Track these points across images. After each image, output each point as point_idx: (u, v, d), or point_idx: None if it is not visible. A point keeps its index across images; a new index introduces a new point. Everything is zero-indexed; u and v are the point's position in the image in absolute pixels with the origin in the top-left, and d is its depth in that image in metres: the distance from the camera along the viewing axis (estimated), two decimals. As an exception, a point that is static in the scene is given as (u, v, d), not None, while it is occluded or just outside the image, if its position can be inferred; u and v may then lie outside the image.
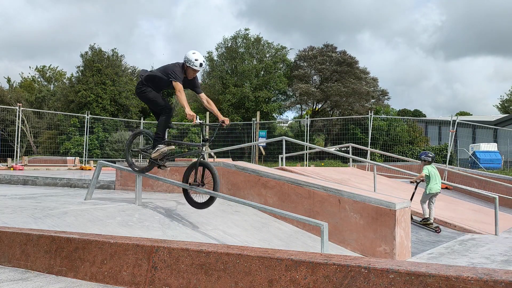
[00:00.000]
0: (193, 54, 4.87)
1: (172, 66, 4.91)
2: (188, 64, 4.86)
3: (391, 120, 25.35)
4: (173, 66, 4.92)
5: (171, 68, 4.88)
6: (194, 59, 4.84)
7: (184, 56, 4.93)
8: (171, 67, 4.89)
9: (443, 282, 1.24)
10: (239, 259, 1.61)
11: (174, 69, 4.85)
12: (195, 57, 4.84)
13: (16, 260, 2.30)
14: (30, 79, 48.15)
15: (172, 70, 4.83)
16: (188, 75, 4.96)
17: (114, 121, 28.82)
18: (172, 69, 4.85)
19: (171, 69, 4.85)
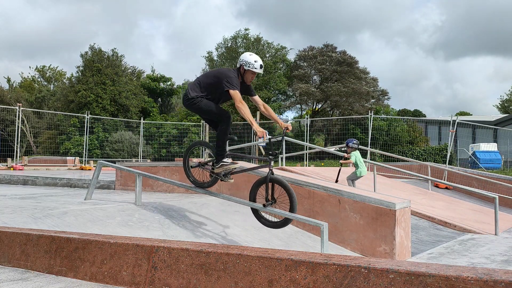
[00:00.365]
0: (251, 56, 4.34)
1: (226, 72, 4.32)
2: (247, 67, 4.32)
3: (391, 120, 25.35)
4: (227, 71, 4.34)
5: (225, 74, 4.29)
6: (254, 61, 4.31)
7: (239, 60, 4.38)
8: (225, 73, 4.29)
9: (443, 282, 1.24)
10: (239, 259, 1.61)
11: (229, 75, 4.26)
12: (254, 59, 4.32)
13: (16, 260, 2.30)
14: (30, 79, 48.15)
15: (227, 77, 4.24)
16: (246, 80, 4.44)
17: (114, 121, 28.82)
18: (227, 76, 4.25)
19: (226, 76, 4.25)
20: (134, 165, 7.76)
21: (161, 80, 44.47)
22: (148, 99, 39.35)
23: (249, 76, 4.40)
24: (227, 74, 4.26)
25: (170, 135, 28.34)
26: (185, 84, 47.08)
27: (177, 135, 28.32)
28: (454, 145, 22.13)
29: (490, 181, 12.18)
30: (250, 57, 4.35)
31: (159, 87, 43.65)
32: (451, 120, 16.40)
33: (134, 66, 41.87)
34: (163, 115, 39.76)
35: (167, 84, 45.07)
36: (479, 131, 26.31)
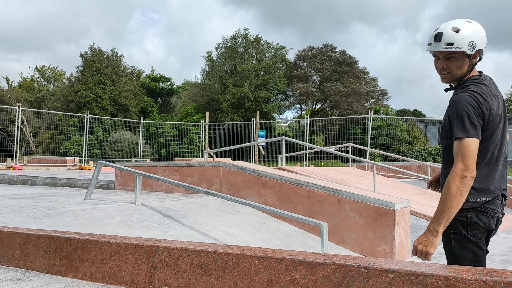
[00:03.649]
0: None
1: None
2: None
3: (391, 120, 25.37)
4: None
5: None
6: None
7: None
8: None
9: (443, 282, 1.24)
10: (239, 259, 1.61)
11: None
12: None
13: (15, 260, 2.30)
14: (30, 79, 48.13)
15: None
16: None
17: (114, 121, 28.82)
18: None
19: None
20: (133, 165, 7.76)
21: (160, 80, 44.48)
22: (148, 99, 39.36)
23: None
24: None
25: (169, 135, 28.35)
26: (185, 84, 47.11)
27: (176, 135, 28.32)
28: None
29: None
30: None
31: (159, 87, 43.65)
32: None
33: (133, 66, 41.88)
34: (162, 115, 39.77)
35: (167, 84, 45.08)
36: (479, 131, 26.29)
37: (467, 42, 1.91)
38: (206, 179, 6.55)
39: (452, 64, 1.97)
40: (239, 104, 33.50)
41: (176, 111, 41.65)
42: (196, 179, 6.66)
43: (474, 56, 1.96)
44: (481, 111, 1.86)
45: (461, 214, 1.90)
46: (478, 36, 1.94)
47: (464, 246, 1.90)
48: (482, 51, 1.97)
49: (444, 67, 1.99)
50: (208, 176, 6.53)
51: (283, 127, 39.66)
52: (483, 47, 1.96)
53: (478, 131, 1.85)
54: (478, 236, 1.92)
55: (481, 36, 1.95)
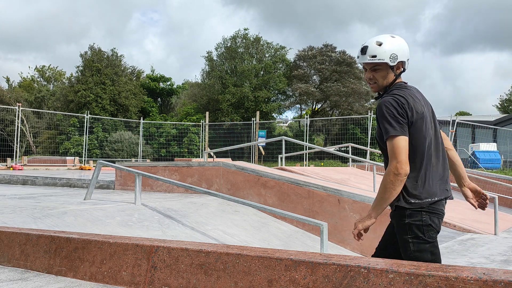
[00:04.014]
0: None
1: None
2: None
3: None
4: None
5: None
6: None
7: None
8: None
9: (443, 282, 1.24)
10: (239, 259, 1.61)
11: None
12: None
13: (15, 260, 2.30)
14: (30, 79, 48.13)
15: None
16: None
17: (114, 121, 28.82)
18: None
19: None
20: (133, 165, 7.76)
21: (160, 80, 44.48)
22: (148, 99, 39.35)
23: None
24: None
25: (169, 135, 28.35)
26: (185, 84, 47.10)
27: (176, 135, 28.32)
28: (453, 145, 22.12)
29: (490, 181, 12.19)
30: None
31: (159, 87, 43.65)
32: (451, 120, 16.41)
33: (133, 66, 41.88)
34: (162, 115, 39.77)
35: (167, 84, 45.08)
36: (479, 131, 26.33)
37: (389, 55, 2.11)
38: (206, 179, 6.55)
39: (377, 75, 2.16)
40: (239, 104, 33.50)
41: (176, 111, 41.65)
42: (196, 179, 6.66)
43: (397, 67, 2.16)
44: (404, 110, 2.01)
45: (415, 218, 2.01)
46: (400, 49, 2.14)
47: (423, 249, 1.99)
48: (405, 63, 2.17)
49: (371, 78, 2.19)
50: (208, 176, 6.53)
51: (283, 127, 39.66)
52: (405, 59, 2.16)
53: (404, 129, 1.99)
54: (434, 237, 2.04)
55: (403, 49, 2.15)
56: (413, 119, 2.01)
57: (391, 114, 1.99)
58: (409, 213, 2.01)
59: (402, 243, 2.04)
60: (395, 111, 1.99)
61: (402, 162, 1.94)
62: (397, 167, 1.94)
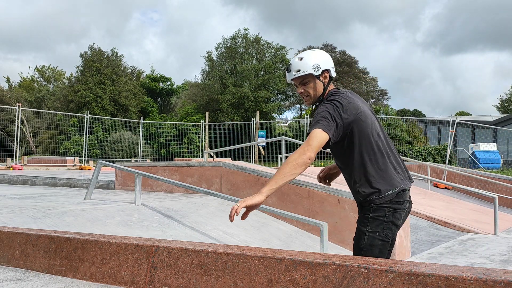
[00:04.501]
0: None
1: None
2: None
3: (391, 120, 25.36)
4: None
5: None
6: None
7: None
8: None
9: (443, 282, 1.24)
10: (239, 259, 1.61)
11: None
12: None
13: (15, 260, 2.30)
14: (30, 79, 48.12)
15: None
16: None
17: (114, 121, 28.81)
18: None
19: None
20: (133, 165, 7.76)
21: (160, 80, 44.48)
22: (148, 99, 39.35)
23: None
24: None
25: (169, 135, 28.34)
26: (185, 84, 47.10)
27: (176, 135, 28.32)
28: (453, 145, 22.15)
29: (490, 181, 12.19)
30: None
31: (159, 87, 43.65)
32: (451, 120, 16.41)
33: (133, 66, 41.89)
34: (162, 115, 39.77)
35: (167, 84, 45.07)
36: (479, 131, 26.34)
37: (311, 66, 2.20)
38: (206, 179, 6.55)
39: (307, 87, 2.25)
40: (239, 104, 33.50)
41: (176, 111, 41.65)
42: (196, 179, 6.66)
43: (323, 76, 2.24)
44: (338, 112, 2.07)
45: (379, 214, 2.08)
46: (321, 59, 2.24)
47: (374, 244, 2.06)
48: (330, 70, 2.25)
49: (302, 91, 2.28)
50: (208, 176, 6.53)
51: (283, 127, 39.66)
52: (329, 67, 2.25)
53: (330, 127, 2.03)
54: (389, 236, 2.10)
55: (324, 59, 2.25)
56: (352, 118, 2.08)
57: (324, 115, 2.05)
58: (374, 208, 2.09)
59: (358, 233, 2.14)
60: (328, 114, 2.04)
61: (312, 146, 1.97)
62: (305, 149, 1.97)
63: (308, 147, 1.98)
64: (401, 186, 2.12)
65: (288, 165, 1.97)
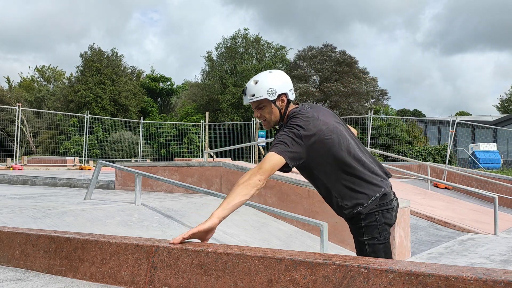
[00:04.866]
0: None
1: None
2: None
3: (391, 120, 25.36)
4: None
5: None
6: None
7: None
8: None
9: (443, 282, 1.24)
10: (239, 259, 1.61)
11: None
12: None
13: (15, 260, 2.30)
14: (30, 79, 48.12)
15: None
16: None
17: (114, 121, 28.81)
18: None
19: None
20: (133, 165, 7.76)
21: (160, 80, 44.47)
22: (148, 99, 39.35)
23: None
24: None
25: (169, 135, 28.34)
26: (185, 84, 47.09)
27: (176, 135, 28.31)
28: (453, 145, 22.15)
29: (490, 181, 12.19)
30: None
31: (159, 87, 43.64)
32: (451, 120, 16.41)
33: (133, 66, 41.89)
34: (162, 115, 39.77)
35: (167, 84, 45.07)
36: (479, 131, 26.34)
37: (266, 90, 2.11)
38: (206, 179, 6.55)
39: (264, 112, 2.17)
40: (239, 104, 33.49)
41: (176, 111, 41.64)
42: (196, 179, 6.66)
43: (280, 100, 2.14)
44: (299, 137, 1.99)
45: (370, 220, 2.05)
46: (277, 83, 2.13)
47: (378, 249, 2.05)
48: (287, 94, 2.15)
49: (259, 116, 2.20)
50: (208, 176, 6.53)
51: (283, 127, 39.59)
52: (286, 90, 2.15)
53: (287, 151, 1.96)
54: (387, 237, 2.09)
55: (280, 83, 2.14)
56: (315, 139, 2.01)
57: (282, 139, 1.99)
58: (363, 216, 2.06)
59: (358, 245, 2.11)
60: (286, 138, 1.98)
61: (263, 169, 1.93)
62: (256, 171, 1.93)
63: (260, 170, 1.93)
64: (381, 190, 2.08)
65: (238, 187, 1.91)
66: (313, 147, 2.02)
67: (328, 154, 2.04)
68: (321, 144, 2.03)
